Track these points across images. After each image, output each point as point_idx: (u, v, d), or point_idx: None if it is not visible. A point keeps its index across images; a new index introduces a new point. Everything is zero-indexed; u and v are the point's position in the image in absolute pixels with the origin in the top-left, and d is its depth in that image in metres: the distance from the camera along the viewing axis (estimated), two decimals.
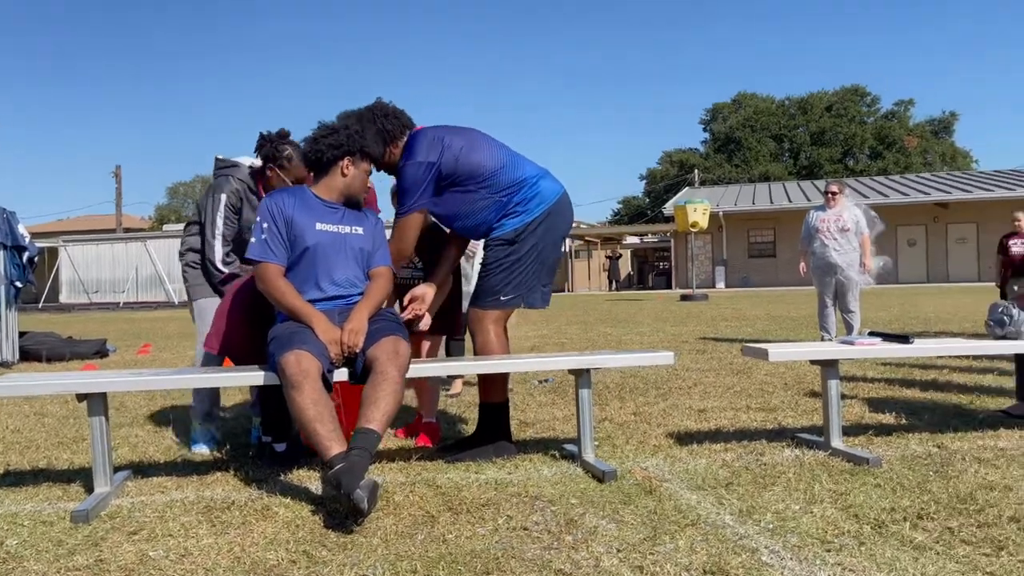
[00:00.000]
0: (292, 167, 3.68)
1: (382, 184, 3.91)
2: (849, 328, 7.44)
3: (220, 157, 3.87)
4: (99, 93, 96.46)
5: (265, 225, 3.04)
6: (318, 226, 3.06)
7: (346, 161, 3.10)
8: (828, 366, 3.27)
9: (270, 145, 3.65)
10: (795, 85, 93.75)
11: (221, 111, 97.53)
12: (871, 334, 3.42)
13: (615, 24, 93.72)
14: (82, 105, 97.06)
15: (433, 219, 3.64)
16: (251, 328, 3.32)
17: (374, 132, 3.30)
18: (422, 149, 3.27)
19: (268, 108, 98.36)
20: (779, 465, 3.08)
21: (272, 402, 3.34)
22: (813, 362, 3.36)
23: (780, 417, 4.09)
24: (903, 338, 3.34)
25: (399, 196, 3.35)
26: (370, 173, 3.25)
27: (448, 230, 3.59)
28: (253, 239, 3.06)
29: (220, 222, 3.65)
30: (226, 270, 3.66)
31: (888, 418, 3.96)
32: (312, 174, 3.21)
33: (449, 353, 5.10)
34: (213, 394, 3.79)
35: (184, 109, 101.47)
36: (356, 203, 3.20)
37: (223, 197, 3.67)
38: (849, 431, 3.54)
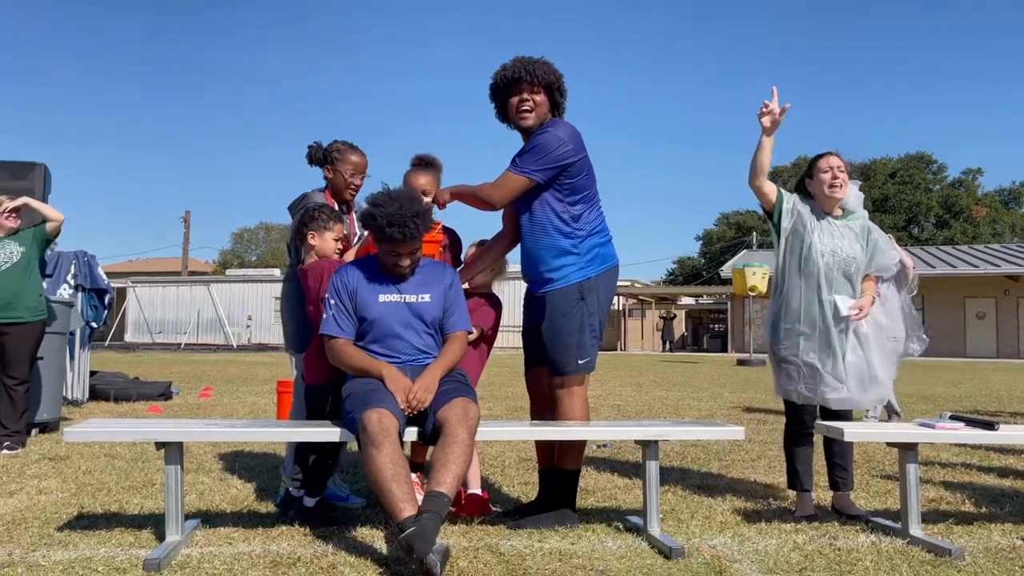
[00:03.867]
0: (344, 157, 3.74)
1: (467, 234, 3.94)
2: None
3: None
4: (172, 145, 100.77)
5: (332, 301, 3.18)
6: (381, 298, 3.15)
7: None
8: (907, 449, 3.17)
9: (315, 150, 3.78)
10: (857, 150, 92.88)
11: (290, 160, 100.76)
12: (952, 418, 3.31)
13: (673, 80, 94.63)
14: (152, 158, 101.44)
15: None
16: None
17: (549, 93, 3.38)
18: (573, 135, 3.33)
19: None
20: (855, 551, 2.97)
21: (309, 458, 3.38)
22: (890, 444, 3.26)
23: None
24: (988, 424, 3.21)
25: (524, 152, 3.34)
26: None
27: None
28: (324, 315, 3.19)
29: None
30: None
31: (967, 505, 3.79)
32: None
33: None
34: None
35: (251, 157, 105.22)
36: (417, 260, 3.21)
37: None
38: (927, 517, 3.40)
